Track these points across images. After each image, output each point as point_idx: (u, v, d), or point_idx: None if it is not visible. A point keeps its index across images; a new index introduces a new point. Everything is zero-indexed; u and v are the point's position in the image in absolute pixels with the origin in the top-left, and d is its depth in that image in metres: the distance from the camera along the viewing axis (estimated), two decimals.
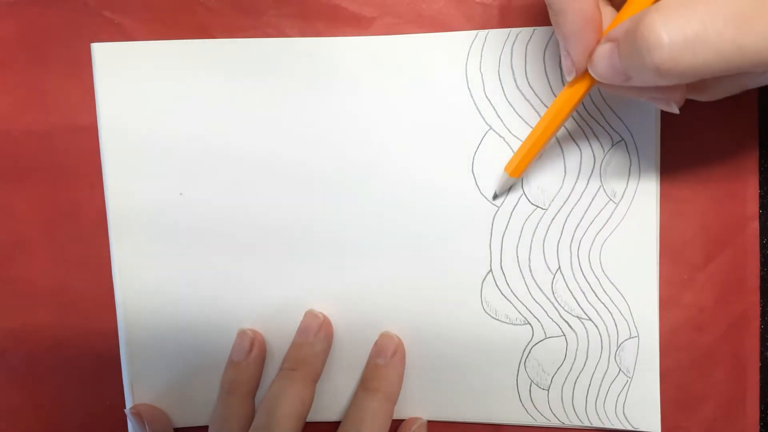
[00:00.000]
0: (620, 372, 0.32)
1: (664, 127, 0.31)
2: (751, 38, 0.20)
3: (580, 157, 0.32)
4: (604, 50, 0.24)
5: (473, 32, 0.31)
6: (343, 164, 0.32)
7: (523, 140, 0.31)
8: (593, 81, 0.26)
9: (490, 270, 0.32)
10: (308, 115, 0.32)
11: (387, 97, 0.32)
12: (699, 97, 0.26)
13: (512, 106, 0.31)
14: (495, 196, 0.32)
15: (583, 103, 0.31)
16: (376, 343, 0.33)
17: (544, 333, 0.32)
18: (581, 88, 0.27)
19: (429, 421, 0.33)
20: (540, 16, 0.31)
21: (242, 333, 0.33)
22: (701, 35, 0.20)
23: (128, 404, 0.34)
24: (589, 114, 0.31)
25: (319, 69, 0.32)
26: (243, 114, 0.32)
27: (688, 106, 0.31)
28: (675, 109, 0.25)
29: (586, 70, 0.26)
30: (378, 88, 0.32)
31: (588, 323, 0.32)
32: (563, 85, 0.31)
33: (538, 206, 0.32)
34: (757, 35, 0.20)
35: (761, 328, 0.32)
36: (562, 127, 0.31)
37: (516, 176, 0.30)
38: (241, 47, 0.32)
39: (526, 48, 0.31)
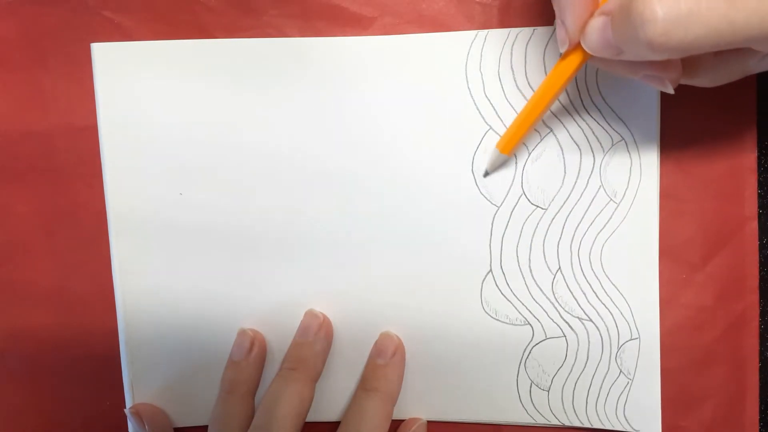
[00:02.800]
0: (621, 373, 0.32)
1: (664, 127, 0.31)
2: (742, 14, 0.20)
3: (580, 157, 0.32)
4: (597, 23, 0.24)
5: (473, 32, 0.31)
6: (343, 164, 0.32)
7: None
8: (586, 55, 0.26)
9: (490, 270, 0.32)
10: (307, 115, 0.32)
11: (387, 97, 0.32)
12: (700, 82, 0.26)
13: (512, 106, 0.31)
14: (486, 174, 0.32)
15: (583, 103, 0.31)
16: (376, 343, 0.33)
17: (545, 333, 0.32)
18: (574, 61, 0.27)
19: (429, 421, 0.33)
20: (540, 16, 0.31)
21: (242, 332, 0.33)
22: (694, 10, 0.20)
23: (128, 404, 0.34)
24: (589, 114, 0.31)
25: (319, 69, 0.32)
26: (242, 114, 0.32)
27: (688, 106, 0.31)
28: (670, 89, 0.25)
29: (580, 44, 0.26)
30: (378, 88, 0.32)
31: (588, 324, 0.32)
32: None
33: (538, 206, 0.32)
34: (748, 11, 0.20)
35: (760, 327, 0.32)
36: (562, 126, 0.31)
37: (507, 153, 0.30)
38: (241, 47, 0.32)
39: (526, 48, 0.31)
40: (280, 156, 0.32)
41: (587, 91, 0.31)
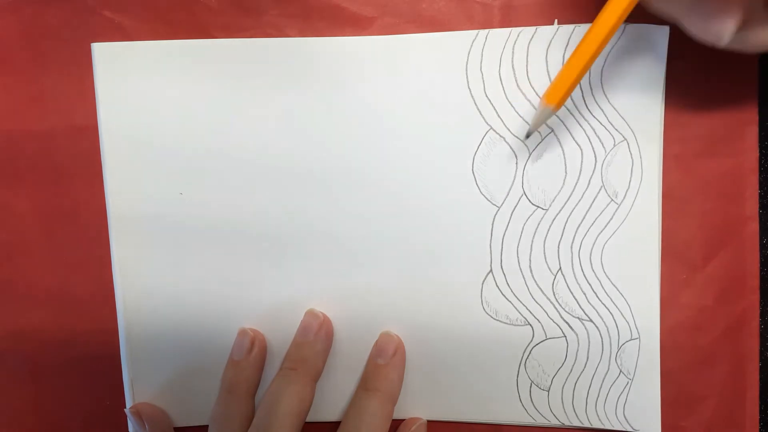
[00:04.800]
0: (621, 374, 0.32)
1: (665, 126, 0.31)
2: None
3: (582, 157, 0.32)
4: None
5: (474, 32, 0.31)
6: (343, 164, 0.32)
7: (523, 139, 0.31)
8: None
9: (491, 270, 0.32)
10: (308, 115, 0.32)
11: (387, 98, 0.32)
12: (751, 41, 0.25)
13: (513, 106, 0.31)
14: (528, 135, 0.30)
15: (585, 103, 0.31)
16: (376, 343, 0.33)
17: (545, 334, 0.32)
18: None
19: (429, 421, 0.33)
20: (541, 16, 0.31)
21: (243, 332, 0.33)
22: None
23: (128, 404, 0.34)
24: (591, 113, 0.31)
25: (319, 69, 0.32)
26: (243, 114, 0.32)
27: (689, 105, 0.31)
28: (724, 37, 0.24)
29: None
30: (378, 89, 0.32)
31: (589, 324, 0.32)
32: None
33: (538, 206, 0.32)
34: None
35: (761, 327, 0.32)
36: (564, 126, 0.31)
37: (554, 103, 0.28)
38: (241, 47, 0.32)
39: (528, 47, 0.31)
40: (279, 156, 0.32)
41: (590, 91, 0.31)
